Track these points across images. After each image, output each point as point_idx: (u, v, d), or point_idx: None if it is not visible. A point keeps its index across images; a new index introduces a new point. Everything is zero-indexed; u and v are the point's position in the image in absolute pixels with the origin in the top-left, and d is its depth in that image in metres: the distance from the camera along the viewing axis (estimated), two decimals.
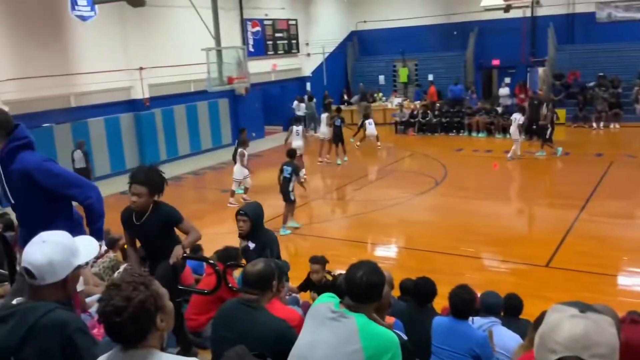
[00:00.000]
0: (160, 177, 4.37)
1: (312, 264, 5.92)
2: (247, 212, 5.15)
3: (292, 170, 10.58)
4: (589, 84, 20.88)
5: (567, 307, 1.44)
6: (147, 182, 4.26)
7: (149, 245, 4.55)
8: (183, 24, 17.10)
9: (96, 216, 3.73)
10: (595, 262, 8.51)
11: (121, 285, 1.82)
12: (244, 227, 5.13)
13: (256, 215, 5.19)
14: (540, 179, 14.95)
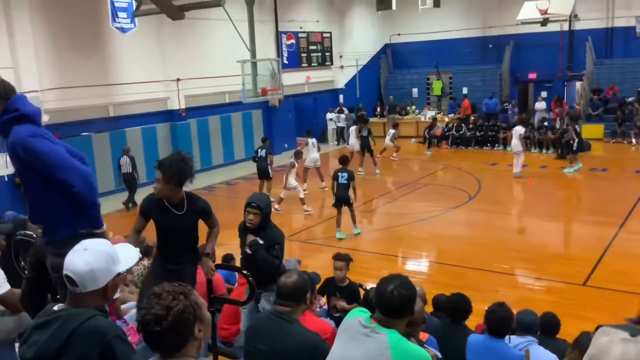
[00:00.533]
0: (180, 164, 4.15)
1: (336, 261, 5.72)
2: (259, 204, 4.83)
3: (348, 176, 10.80)
4: (628, 99, 20.40)
5: (617, 330, 1.40)
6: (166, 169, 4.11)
7: (178, 242, 4.30)
8: (219, 36, 17.38)
9: (84, 206, 3.31)
10: (634, 281, 8.24)
11: (161, 295, 1.84)
12: (254, 220, 4.80)
13: (267, 208, 4.90)
14: (577, 195, 14.63)
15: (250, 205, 4.83)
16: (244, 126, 19.75)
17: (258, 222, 4.80)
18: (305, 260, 8.34)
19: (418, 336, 3.41)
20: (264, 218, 4.81)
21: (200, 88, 17.52)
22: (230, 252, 7.34)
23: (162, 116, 17.15)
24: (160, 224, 4.31)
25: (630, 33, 21.70)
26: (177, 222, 4.24)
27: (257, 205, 4.80)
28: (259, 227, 4.80)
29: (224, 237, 11.59)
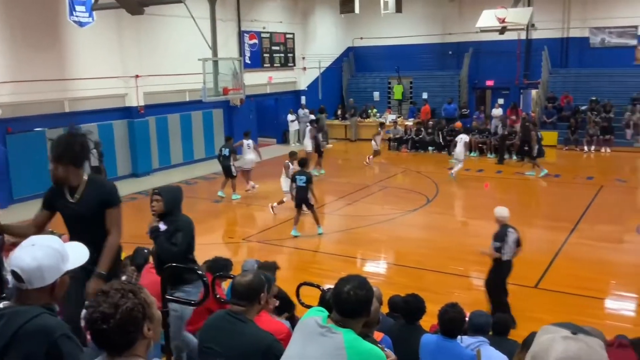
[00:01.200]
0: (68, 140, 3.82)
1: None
2: (160, 192, 5.06)
3: (306, 179, 10.93)
4: (581, 107, 21.09)
5: (559, 328, 1.44)
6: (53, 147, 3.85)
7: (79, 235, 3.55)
8: (180, 34, 17.16)
9: None
10: (583, 285, 8.53)
11: (109, 292, 1.81)
12: (156, 206, 5.01)
13: (171, 197, 5.07)
14: (531, 200, 15.02)
15: (154, 193, 5.06)
16: (204, 125, 19.55)
17: (161, 209, 4.97)
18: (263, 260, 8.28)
19: (373, 336, 3.44)
20: (167, 205, 4.96)
21: (160, 85, 17.24)
22: None
23: (119, 113, 16.80)
24: (62, 214, 3.94)
25: (584, 43, 22.46)
26: (72, 211, 3.84)
27: (159, 192, 5.03)
28: (164, 214, 4.98)
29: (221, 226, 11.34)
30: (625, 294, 8.52)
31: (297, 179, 11.08)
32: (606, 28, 21.99)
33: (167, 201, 4.99)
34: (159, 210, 4.99)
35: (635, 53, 21.62)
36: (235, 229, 12.30)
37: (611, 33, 22.03)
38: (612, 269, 9.55)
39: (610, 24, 21.82)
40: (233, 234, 11.77)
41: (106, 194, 3.94)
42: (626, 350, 3.37)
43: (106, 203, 3.89)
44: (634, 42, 21.64)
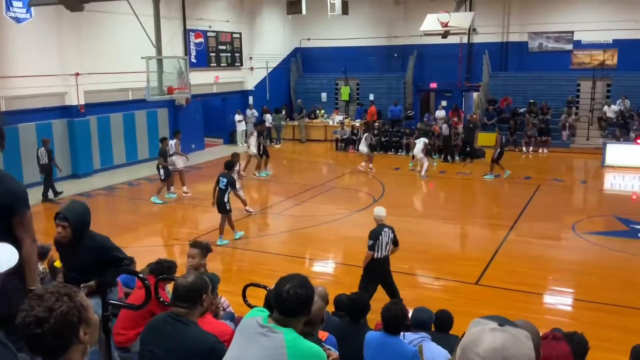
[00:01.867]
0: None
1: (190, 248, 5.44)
2: (66, 215, 4.19)
3: (227, 182, 10.66)
4: (520, 109, 21.86)
5: (487, 321, 1.50)
6: None
7: None
8: (123, 31, 16.75)
9: None
10: (522, 280, 8.85)
11: (44, 296, 1.75)
12: (63, 233, 4.18)
13: (79, 221, 4.25)
14: (473, 200, 15.46)
15: (57, 217, 4.22)
16: (148, 125, 19.13)
17: (69, 235, 4.22)
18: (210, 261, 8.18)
19: (317, 335, 3.46)
20: (76, 231, 4.22)
21: (101, 84, 16.76)
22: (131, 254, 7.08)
23: (58, 112, 16.24)
24: None
25: (523, 48, 23.30)
26: None
27: (65, 217, 4.19)
28: (72, 242, 4.25)
29: (125, 240, 11.19)
30: (561, 289, 8.89)
31: (219, 180, 10.75)
32: (544, 33, 22.89)
33: (75, 227, 4.22)
34: (68, 237, 4.20)
35: (571, 57, 22.61)
36: (181, 231, 12.10)
37: (548, 38, 22.95)
38: (549, 265, 9.94)
39: (548, 29, 22.74)
40: (178, 236, 11.58)
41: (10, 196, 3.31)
42: (559, 342, 3.53)
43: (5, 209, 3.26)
44: (569, 47, 22.62)
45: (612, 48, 21.85)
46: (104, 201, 14.73)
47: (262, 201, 15.09)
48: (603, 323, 7.36)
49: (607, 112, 21.00)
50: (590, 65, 21.95)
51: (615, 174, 17.27)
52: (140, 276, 4.34)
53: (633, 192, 15.54)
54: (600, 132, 20.74)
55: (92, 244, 4.33)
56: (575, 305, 8.31)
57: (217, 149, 22.13)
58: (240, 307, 6.09)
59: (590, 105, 21.55)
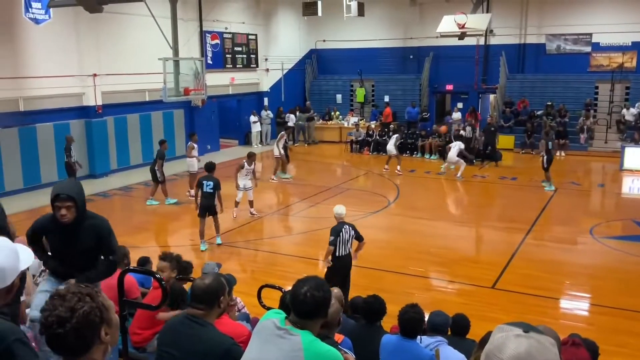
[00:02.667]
0: None
1: (159, 261, 5.29)
2: (69, 194, 3.92)
3: (214, 185, 10.46)
4: (537, 112, 21.67)
5: (512, 327, 1.48)
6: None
7: None
8: (140, 32, 16.88)
9: None
10: (539, 285, 8.76)
11: (66, 296, 1.76)
12: (68, 214, 3.90)
13: (83, 199, 4.03)
14: (489, 202, 15.34)
15: (59, 198, 3.91)
16: (164, 126, 19.26)
17: (73, 216, 3.95)
18: (225, 263, 8.22)
19: (333, 337, 3.45)
20: (80, 209, 3.97)
21: (118, 84, 16.92)
22: (146, 254, 7.14)
23: (76, 112, 16.40)
24: None
25: (540, 50, 23.10)
26: None
27: (68, 196, 3.91)
28: (75, 222, 3.98)
29: (140, 239, 11.25)
30: (578, 294, 8.79)
31: (203, 184, 10.46)
32: (562, 35, 22.67)
33: (80, 205, 3.98)
34: (72, 218, 3.93)
35: (590, 60, 22.37)
36: (196, 231, 12.13)
37: (566, 40, 22.72)
38: (566, 269, 9.84)
39: (566, 31, 22.51)
40: (193, 236, 11.63)
41: None
42: (579, 348, 3.49)
43: None
44: (588, 49, 22.38)
45: (631, 50, 21.58)
46: (120, 201, 14.85)
47: (277, 203, 15.12)
48: (620, 328, 7.27)
49: (625, 115, 20.73)
50: (609, 68, 21.69)
51: (634, 178, 17.05)
52: (157, 276, 4.35)
53: None
54: (619, 135, 20.47)
55: (93, 222, 4.09)
56: (592, 310, 8.21)
57: (233, 149, 22.21)
58: (255, 307, 6.12)
59: (608, 108, 21.28)
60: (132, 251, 6.63)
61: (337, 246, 7.50)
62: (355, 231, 7.66)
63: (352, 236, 7.60)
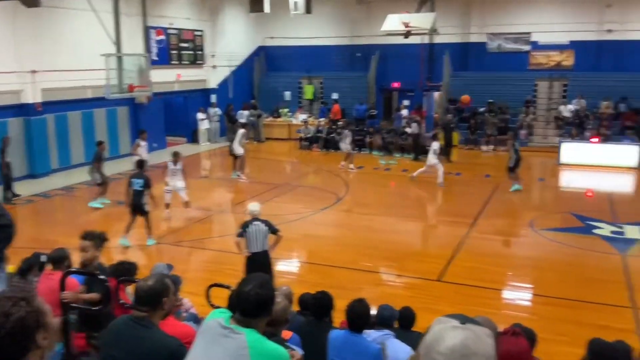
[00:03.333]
0: None
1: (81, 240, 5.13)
2: None
3: (144, 183, 10.30)
4: (480, 109, 22.28)
5: (449, 319, 1.54)
6: None
7: None
8: (82, 28, 16.36)
9: None
10: (482, 277, 9.03)
11: (0, 301, 1.71)
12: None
13: None
14: (435, 197, 15.68)
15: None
16: (108, 123, 18.76)
17: None
18: (172, 262, 8.09)
19: (281, 335, 3.46)
20: None
21: (59, 81, 16.33)
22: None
23: (14, 110, 15.75)
24: None
25: (482, 48, 23.77)
26: None
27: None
28: None
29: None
30: (520, 284, 9.11)
31: (132, 182, 10.33)
32: (502, 34, 23.40)
33: None
34: None
35: (529, 58, 23.17)
36: (141, 232, 11.88)
37: (507, 39, 23.47)
38: (508, 261, 10.21)
39: (506, 30, 23.25)
40: (140, 237, 11.38)
41: None
42: (519, 337, 3.62)
43: None
44: (527, 48, 23.19)
45: (569, 49, 22.51)
46: (62, 202, 14.38)
47: (226, 201, 14.99)
48: (560, 317, 7.58)
49: (563, 112, 21.61)
50: (547, 66, 22.56)
51: (571, 172, 17.80)
52: (101, 277, 4.26)
53: (588, 190, 16.05)
54: (557, 131, 21.32)
55: None
56: (534, 300, 8.53)
57: (180, 147, 21.81)
58: (204, 307, 6.04)
59: (547, 105, 22.12)
60: (75, 253, 6.44)
61: (249, 242, 7.55)
62: (270, 226, 7.65)
63: (265, 232, 7.58)
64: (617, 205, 13.60)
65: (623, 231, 11.35)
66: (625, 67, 21.74)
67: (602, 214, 12.46)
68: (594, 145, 18.55)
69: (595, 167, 17.76)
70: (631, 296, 8.24)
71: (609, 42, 21.92)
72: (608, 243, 10.69)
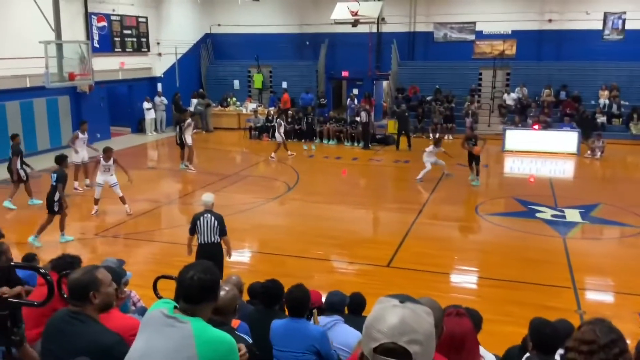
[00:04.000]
0: None
1: None
2: None
3: (57, 177, 9.94)
4: (427, 98, 22.65)
5: (390, 299, 1.57)
6: None
7: None
8: (19, 14, 15.65)
9: None
10: (430, 261, 9.24)
11: None
12: None
13: None
14: (383, 185, 15.89)
15: None
16: (48, 113, 18.06)
17: None
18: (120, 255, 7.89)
19: (230, 324, 3.43)
20: None
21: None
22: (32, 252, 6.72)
23: None
24: None
25: (429, 38, 24.13)
26: None
27: None
28: None
29: (26, 235, 10.52)
30: (467, 268, 9.37)
31: (52, 177, 10.00)
32: (448, 24, 23.81)
33: None
34: None
35: (474, 47, 23.67)
36: (84, 225, 11.54)
37: (452, 28, 23.90)
38: (455, 245, 10.47)
39: (452, 19, 23.67)
40: (83, 230, 11.06)
41: None
42: (462, 318, 3.71)
43: None
44: (472, 37, 23.68)
45: (512, 38, 23.12)
46: (1, 195, 13.77)
47: (175, 191, 14.73)
48: (504, 299, 7.84)
49: (506, 100, 22.24)
50: (491, 55, 23.10)
51: (515, 158, 18.35)
52: (42, 272, 4.09)
53: (530, 175, 16.60)
54: (501, 119, 21.91)
55: None
56: (480, 283, 8.78)
57: (125, 138, 21.31)
58: (152, 300, 5.90)
59: (491, 93, 22.71)
60: (19, 248, 6.20)
61: (199, 234, 7.52)
62: (220, 223, 7.58)
63: (215, 226, 7.53)
64: (558, 189, 14.12)
65: (564, 215, 11.81)
66: (565, 56, 22.55)
67: (544, 199, 12.92)
68: (536, 133, 19.16)
69: (538, 153, 18.36)
70: (572, 277, 8.59)
71: (549, 31, 22.66)
72: (550, 226, 11.10)
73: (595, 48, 21.98)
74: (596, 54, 22.00)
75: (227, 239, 7.78)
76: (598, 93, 21.68)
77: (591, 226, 11.38)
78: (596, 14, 21.74)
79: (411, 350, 1.46)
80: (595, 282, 8.74)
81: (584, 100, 21.41)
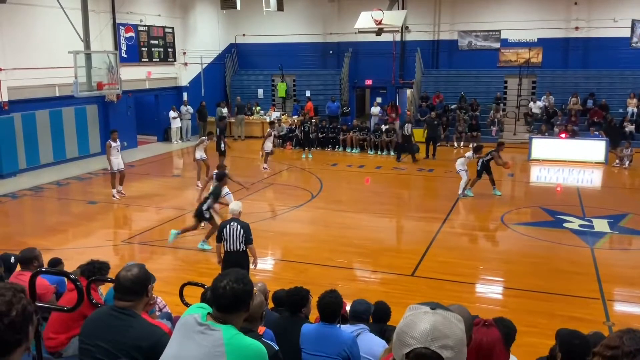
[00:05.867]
0: None
1: None
2: None
3: (212, 191, 10.45)
4: (451, 106, 22.52)
5: (421, 306, 1.58)
6: None
7: None
8: (49, 25, 16.04)
9: None
10: (455, 271, 9.15)
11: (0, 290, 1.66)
12: None
13: None
14: (407, 194, 15.82)
15: None
16: (77, 122, 18.42)
17: None
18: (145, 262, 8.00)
19: (257, 330, 3.45)
20: None
21: (26, 79, 15.99)
22: (58, 256, 6.83)
23: None
24: None
25: (453, 46, 24.03)
26: None
27: None
28: None
29: (55, 241, 10.73)
30: (492, 278, 9.25)
31: None
32: (473, 32, 23.69)
33: None
34: None
35: (499, 55, 23.50)
36: (115, 231, 11.74)
37: (477, 36, 23.77)
38: (480, 255, 10.35)
39: (476, 28, 23.55)
40: (112, 236, 11.23)
41: None
42: (490, 328, 3.68)
43: None
44: (497, 45, 23.51)
45: (537, 46, 22.90)
46: (30, 202, 14.08)
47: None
48: (530, 309, 7.72)
49: (532, 108, 21.99)
50: (517, 63, 22.90)
51: (541, 167, 18.12)
52: (72, 277, 4.17)
53: (557, 184, 16.36)
54: (527, 128, 21.68)
55: None
56: (505, 293, 8.67)
57: (151, 146, 21.61)
58: (177, 306, 5.99)
59: (516, 101, 22.49)
60: (45, 254, 6.32)
61: (226, 241, 7.63)
62: (246, 232, 7.68)
63: (241, 235, 7.64)
64: (585, 199, 13.89)
65: (592, 224, 11.60)
66: (592, 64, 22.25)
67: (572, 209, 12.72)
68: (562, 141, 18.90)
69: (564, 162, 18.11)
70: (600, 288, 8.43)
71: (576, 39, 22.39)
72: (577, 236, 10.91)
73: (623, 56, 21.65)
74: (624, 61, 21.67)
75: (253, 248, 7.84)
76: (626, 101, 21.32)
77: (620, 236, 11.17)
78: (624, 21, 21.40)
79: (443, 355, 1.47)
80: (624, 293, 8.56)
81: (611, 109, 21.07)
